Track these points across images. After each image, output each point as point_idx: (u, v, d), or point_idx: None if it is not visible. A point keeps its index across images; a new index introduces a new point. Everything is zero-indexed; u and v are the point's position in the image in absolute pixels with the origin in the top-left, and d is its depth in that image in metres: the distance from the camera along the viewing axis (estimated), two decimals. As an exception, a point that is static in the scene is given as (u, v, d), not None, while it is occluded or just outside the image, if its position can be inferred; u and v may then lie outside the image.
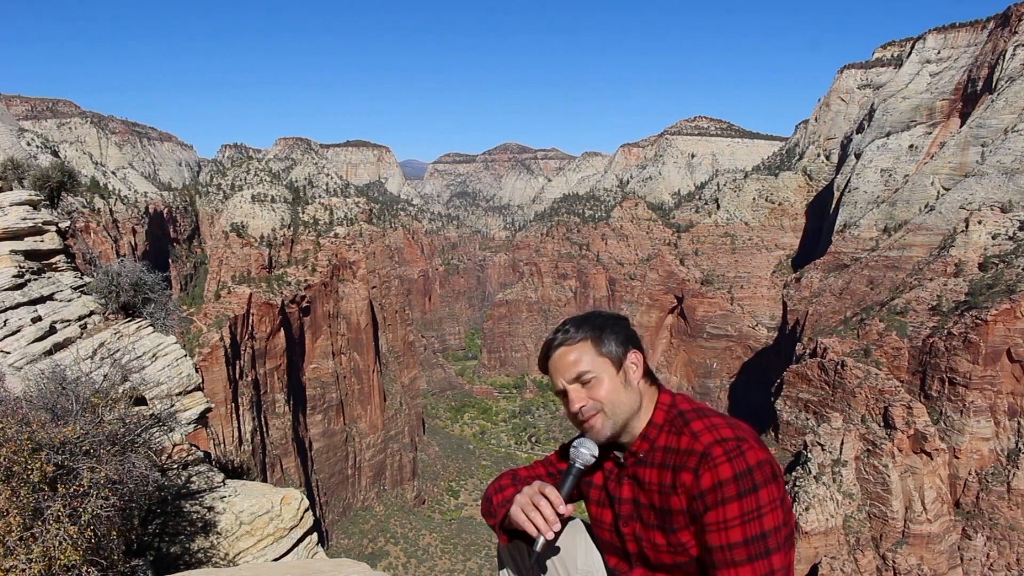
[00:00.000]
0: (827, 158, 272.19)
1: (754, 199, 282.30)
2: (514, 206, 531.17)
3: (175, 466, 13.38)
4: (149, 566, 9.58)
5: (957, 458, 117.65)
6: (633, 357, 4.50)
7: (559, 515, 4.23)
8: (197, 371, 16.12)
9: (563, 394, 4.49)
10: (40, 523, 6.80)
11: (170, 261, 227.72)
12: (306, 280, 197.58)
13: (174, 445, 13.69)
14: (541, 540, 4.19)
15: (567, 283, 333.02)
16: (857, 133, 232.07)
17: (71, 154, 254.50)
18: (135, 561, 8.82)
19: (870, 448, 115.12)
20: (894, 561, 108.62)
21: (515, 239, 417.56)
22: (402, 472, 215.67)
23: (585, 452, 4.51)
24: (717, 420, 4.29)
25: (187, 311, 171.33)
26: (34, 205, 18.39)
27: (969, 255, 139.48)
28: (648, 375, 4.58)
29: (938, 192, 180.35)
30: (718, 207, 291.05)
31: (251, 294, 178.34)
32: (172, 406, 13.50)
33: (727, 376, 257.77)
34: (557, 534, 4.24)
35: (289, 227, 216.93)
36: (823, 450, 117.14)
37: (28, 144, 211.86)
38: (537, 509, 4.23)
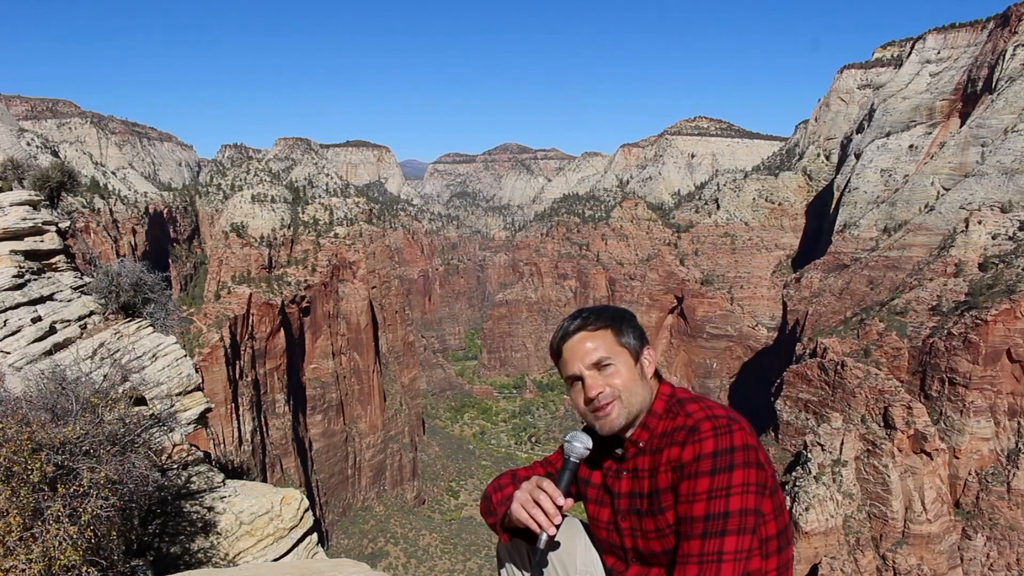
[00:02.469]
0: (827, 158, 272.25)
1: (754, 199, 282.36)
2: (514, 206, 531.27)
3: (175, 466, 13.38)
4: (149, 566, 9.59)
5: (957, 458, 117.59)
6: (648, 353, 4.56)
7: (559, 508, 4.24)
8: (197, 371, 16.13)
9: (577, 379, 4.48)
10: (40, 523, 6.80)
11: (170, 261, 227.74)
12: (306, 280, 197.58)
13: (174, 445, 13.69)
14: (544, 537, 4.20)
15: (567, 283, 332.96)
16: (857, 133, 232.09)
17: (71, 154, 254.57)
18: (135, 561, 8.82)
19: (870, 448, 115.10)
20: (894, 561, 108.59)
21: (515, 239, 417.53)
22: (402, 472, 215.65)
23: (579, 445, 4.53)
24: (713, 404, 4.36)
25: (187, 311, 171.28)
26: (34, 205, 18.40)
27: (969, 255, 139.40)
28: (657, 375, 4.67)
29: (938, 192, 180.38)
30: (718, 207, 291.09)
31: (251, 294, 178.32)
32: (172, 406, 13.50)
33: (727, 376, 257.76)
34: (557, 527, 4.26)
35: (289, 227, 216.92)
36: (823, 450, 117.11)
37: (28, 144, 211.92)
38: (537, 504, 4.25)
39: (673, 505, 4.15)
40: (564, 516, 4.35)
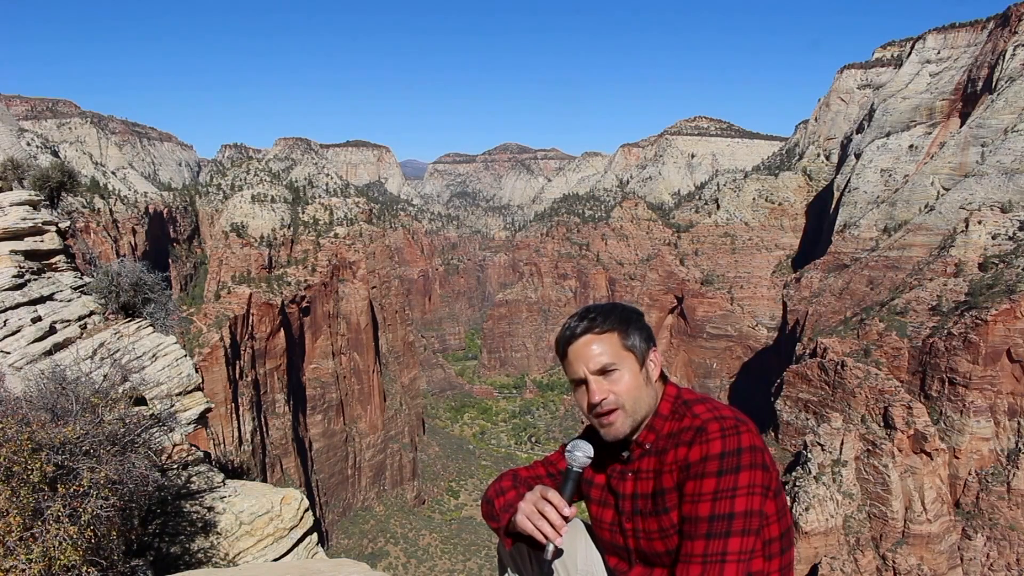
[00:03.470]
0: (827, 158, 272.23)
1: (754, 199, 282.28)
2: (514, 206, 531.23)
3: (175, 466, 13.37)
4: (149, 566, 9.59)
5: (957, 458, 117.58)
6: (654, 356, 4.52)
7: (564, 518, 4.21)
8: (197, 371, 16.12)
9: (580, 382, 4.44)
10: (40, 523, 6.80)
11: (170, 261, 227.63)
12: (306, 280, 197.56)
13: (174, 445, 13.69)
14: (551, 548, 4.16)
15: (567, 283, 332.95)
16: (857, 133, 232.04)
17: (71, 154, 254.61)
18: (135, 561, 8.82)
19: (870, 448, 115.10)
20: (894, 561, 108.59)
21: (515, 239, 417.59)
22: (402, 472, 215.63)
23: (580, 455, 4.50)
24: (720, 404, 4.35)
25: (187, 311, 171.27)
26: (34, 205, 18.39)
27: (969, 255, 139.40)
28: (662, 375, 4.63)
29: (938, 192, 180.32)
30: (718, 207, 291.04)
31: (251, 294, 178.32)
32: (172, 406, 13.49)
33: (727, 376, 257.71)
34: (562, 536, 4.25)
35: (289, 227, 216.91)
36: (823, 450, 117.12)
37: (28, 144, 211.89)
38: (543, 516, 4.21)
39: (678, 505, 4.14)
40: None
